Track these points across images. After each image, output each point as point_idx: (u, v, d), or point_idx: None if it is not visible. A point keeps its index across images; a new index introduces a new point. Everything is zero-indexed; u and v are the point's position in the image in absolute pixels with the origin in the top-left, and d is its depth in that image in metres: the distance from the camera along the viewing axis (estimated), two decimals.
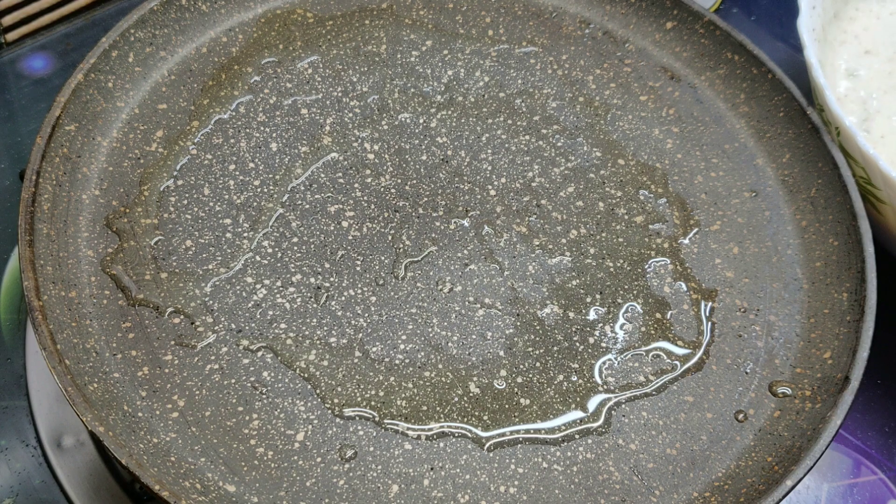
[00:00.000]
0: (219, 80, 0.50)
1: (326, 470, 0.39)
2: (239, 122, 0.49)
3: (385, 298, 0.44)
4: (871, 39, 0.55)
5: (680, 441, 0.41)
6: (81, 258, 0.43)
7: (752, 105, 0.52)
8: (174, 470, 0.38)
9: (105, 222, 0.45)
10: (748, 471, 0.40)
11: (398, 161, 0.49)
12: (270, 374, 0.41)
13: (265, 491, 0.39)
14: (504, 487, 0.40)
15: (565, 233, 0.47)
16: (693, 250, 0.47)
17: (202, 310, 0.43)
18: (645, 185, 0.50)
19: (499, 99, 0.52)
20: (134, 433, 0.39)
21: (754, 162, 0.51)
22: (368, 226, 0.47)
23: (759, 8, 0.68)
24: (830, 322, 0.44)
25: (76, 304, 0.42)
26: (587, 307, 0.45)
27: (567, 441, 0.41)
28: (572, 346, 0.44)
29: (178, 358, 0.41)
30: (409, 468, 0.40)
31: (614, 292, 0.46)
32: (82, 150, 0.46)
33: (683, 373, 0.44)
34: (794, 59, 0.52)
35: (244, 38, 0.52)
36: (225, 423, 0.40)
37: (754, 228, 0.48)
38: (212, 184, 0.47)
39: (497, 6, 0.55)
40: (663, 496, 0.40)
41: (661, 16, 0.54)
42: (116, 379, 0.40)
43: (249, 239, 0.45)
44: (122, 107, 0.48)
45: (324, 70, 0.52)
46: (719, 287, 0.46)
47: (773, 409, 0.42)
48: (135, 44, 0.49)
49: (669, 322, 0.45)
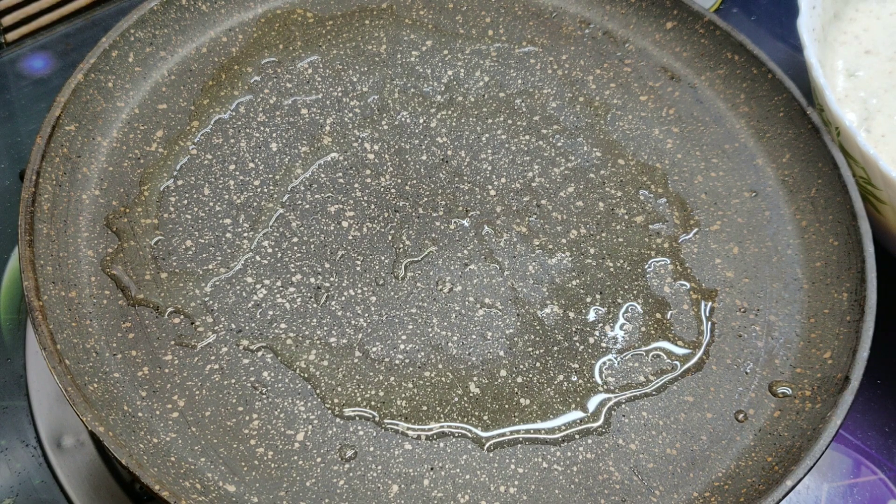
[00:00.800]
0: (219, 80, 0.50)
1: (326, 470, 0.39)
2: (239, 122, 0.49)
3: (385, 298, 0.44)
4: (872, 39, 0.55)
5: (680, 441, 0.41)
6: (81, 258, 0.43)
7: (752, 105, 0.52)
8: (174, 470, 0.38)
9: (105, 222, 0.45)
10: (748, 471, 0.40)
11: (398, 161, 0.49)
12: (270, 374, 0.41)
13: (265, 491, 0.39)
14: (504, 487, 0.40)
15: (565, 233, 0.47)
16: (693, 250, 0.47)
17: (202, 310, 0.43)
18: (645, 185, 0.50)
19: (499, 99, 0.52)
20: (134, 433, 0.39)
21: (754, 162, 0.51)
22: (368, 226, 0.47)
23: (759, 8, 0.68)
24: (830, 322, 0.44)
25: (76, 304, 0.42)
26: (587, 307, 0.45)
27: (567, 441, 0.41)
28: (572, 346, 0.44)
29: (178, 358, 0.41)
30: (409, 468, 0.40)
31: (614, 292, 0.46)
32: (82, 150, 0.46)
33: (683, 373, 0.44)
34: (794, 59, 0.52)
35: (244, 38, 0.52)
36: (225, 423, 0.40)
37: (754, 228, 0.48)
38: (212, 184, 0.47)
39: (497, 6, 0.55)
40: (663, 496, 0.40)
41: (661, 16, 0.55)
42: (116, 379, 0.40)
43: (249, 239, 0.45)
44: (122, 107, 0.48)
45: (324, 70, 0.52)
46: (719, 287, 0.46)
47: (773, 409, 0.43)
48: (135, 44, 0.49)
49: (669, 322, 0.45)
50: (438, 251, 0.46)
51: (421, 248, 0.46)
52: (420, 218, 0.47)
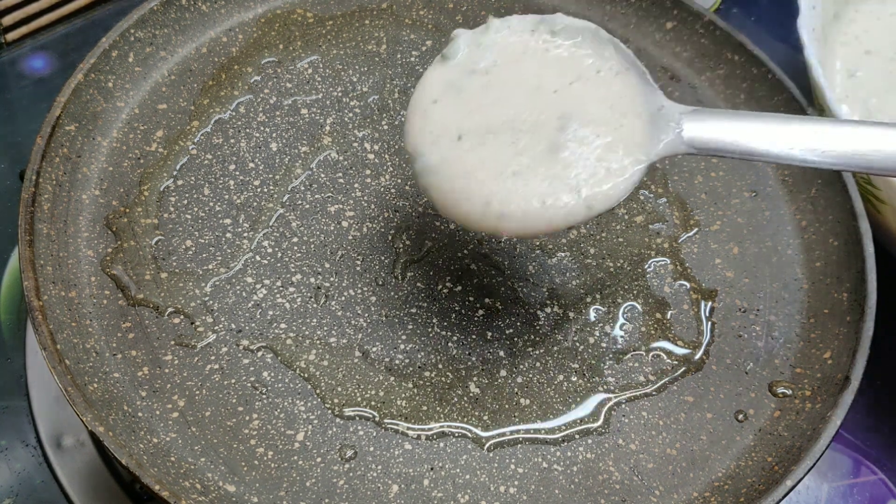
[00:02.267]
0: (219, 80, 0.50)
1: (326, 470, 0.39)
2: (239, 122, 0.49)
3: (385, 298, 0.44)
4: (872, 40, 0.55)
5: (680, 441, 0.41)
6: (81, 258, 0.43)
7: (752, 105, 0.52)
8: (174, 470, 0.38)
9: (105, 222, 0.45)
10: (748, 471, 0.41)
11: (398, 161, 0.49)
12: (270, 374, 0.41)
13: (265, 491, 0.39)
14: (504, 487, 0.40)
15: (565, 233, 0.47)
16: (693, 250, 0.47)
17: (202, 310, 0.43)
18: (645, 184, 0.50)
19: None
20: (134, 433, 0.39)
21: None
22: (368, 226, 0.47)
23: (759, 8, 0.68)
24: (830, 322, 0.44)
25: (76, 304, 0.42)
26: (587, 307, 0.45)
27: (567, 441, 0.41)
28: (572, 346, 0.44)
29: (178, 358, 0.41)
30: (409, 468, 0.40)
31: (614, 292, 0.46)
32: (82, 150, 0.46)
33: (683, 373, 0.44)
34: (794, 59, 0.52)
35: (244, 38, 0.52)
36: (225, 423, 0.40)
37: (754, 228, 0.48)
38: (212, 184, 0.47)
39: (497, 6, 0.55)
40: (663, 496, 0.40)
41: (661, 16, 0.54)
42: (116, 379, 0.40)
43: (249, 239, 0.45)
44: (122, 107, 0.48)
45: (324, 70, 0.52)
46: (719, 287, 0.46)
47: (773, 409, 0.43)
48: (135, 44, 0.49)
49: (669, 322, 0.45)
50: (438, 251, 0.46)
51: (421, 248, 0.46)
52: (420, 218, 0.47)
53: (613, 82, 0.38)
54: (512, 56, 0.39)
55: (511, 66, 0.39)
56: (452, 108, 0.38)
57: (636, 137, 0.37)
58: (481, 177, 0.36)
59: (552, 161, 0.36)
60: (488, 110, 0.38)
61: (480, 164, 0.37)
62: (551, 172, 0.36)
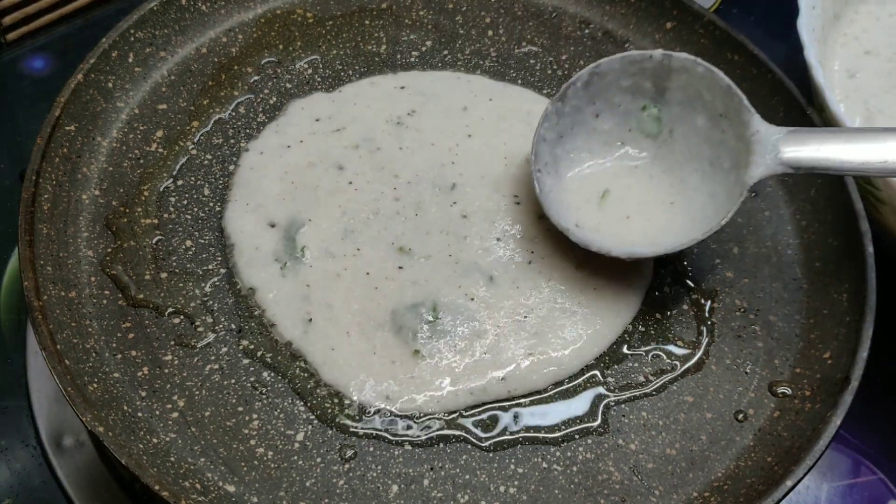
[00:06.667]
0: (219, 80, 0.50)
1: (326, 470, 0.39)
2: (239, 122, 0.49)
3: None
4: (871, 40, 0.55)
5: (680, 441, 0.41)
6: (81, 258, 0.43)
7: (752, 105, 0.52)
8: (174, 470, 0.38)
9: (105, 222, 0.45)
10: (748, 471, 0.40)
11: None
12: (270, 374, 0.41)
13: (265, 491, 0.39)
14: (504, 487, 0.40)
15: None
16: (693, 250, 0.47)
17: (202, 310, 0.43)
18: None
19: None
20: (134, 433, 0.39)
21: None
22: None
23: (759, 8, 0.68)
24: (830, 322, 0.44)
25: (76, 304, 0.42)
26: None
27: (567, 441, 0.41)
28: None
29: (178, 358, 0.41)
30: (409, 468, 0.40)
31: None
32: (82, 150, 0.46)
33: (683, 373, 0.44)
34: (794, 59, 0.52)
35: (244, 38, 0.52)
36: (225, 423, 0.40)
37: (754, 228, 0.48)
38: (212, 184, 0.47)
39: (497, 6, 0.55)
40: (663, 496, 0.40)
41: (661, 16, 0.54)
42: (116, 379, 0.40)
43: None
44: (122, 107, 0.48)
45: (324, 70, 0.52)
46: (719, 287, 0.46)
47: (773, 409, 0.42)
48: (135, 44, 0.49)
49: (669, 322, 0.45)
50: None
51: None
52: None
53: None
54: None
55: None
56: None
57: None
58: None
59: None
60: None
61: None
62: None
